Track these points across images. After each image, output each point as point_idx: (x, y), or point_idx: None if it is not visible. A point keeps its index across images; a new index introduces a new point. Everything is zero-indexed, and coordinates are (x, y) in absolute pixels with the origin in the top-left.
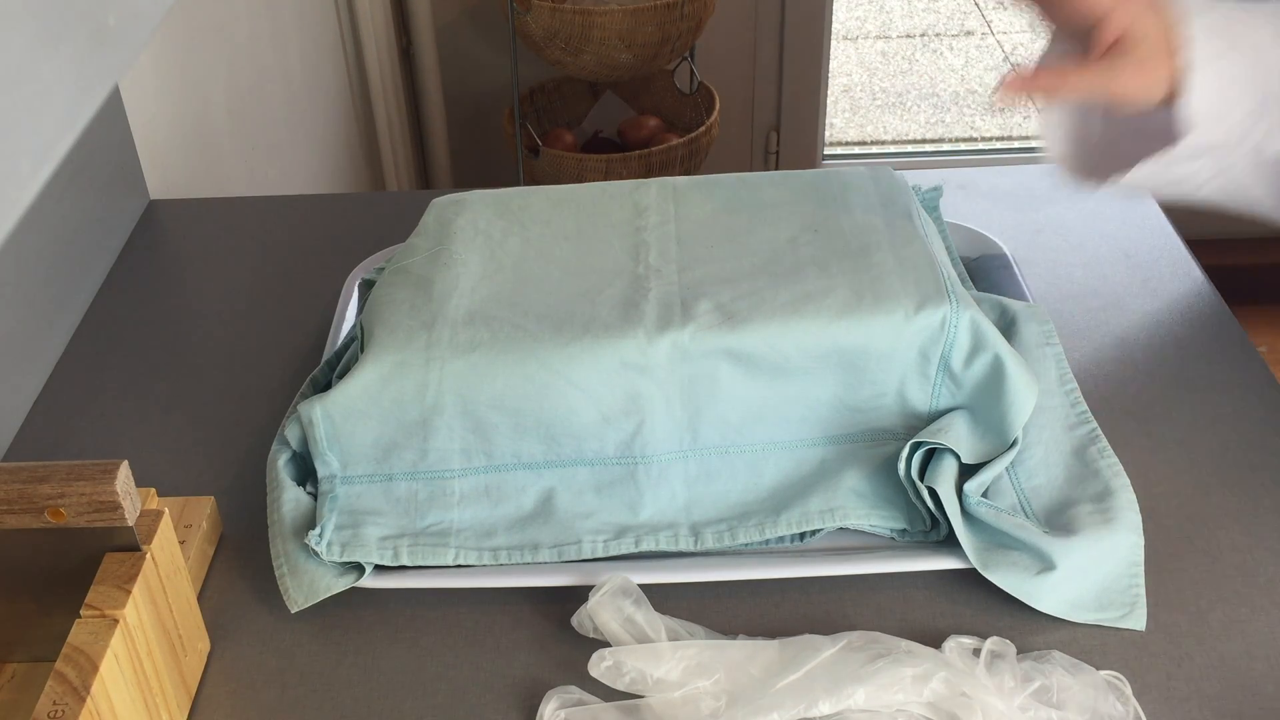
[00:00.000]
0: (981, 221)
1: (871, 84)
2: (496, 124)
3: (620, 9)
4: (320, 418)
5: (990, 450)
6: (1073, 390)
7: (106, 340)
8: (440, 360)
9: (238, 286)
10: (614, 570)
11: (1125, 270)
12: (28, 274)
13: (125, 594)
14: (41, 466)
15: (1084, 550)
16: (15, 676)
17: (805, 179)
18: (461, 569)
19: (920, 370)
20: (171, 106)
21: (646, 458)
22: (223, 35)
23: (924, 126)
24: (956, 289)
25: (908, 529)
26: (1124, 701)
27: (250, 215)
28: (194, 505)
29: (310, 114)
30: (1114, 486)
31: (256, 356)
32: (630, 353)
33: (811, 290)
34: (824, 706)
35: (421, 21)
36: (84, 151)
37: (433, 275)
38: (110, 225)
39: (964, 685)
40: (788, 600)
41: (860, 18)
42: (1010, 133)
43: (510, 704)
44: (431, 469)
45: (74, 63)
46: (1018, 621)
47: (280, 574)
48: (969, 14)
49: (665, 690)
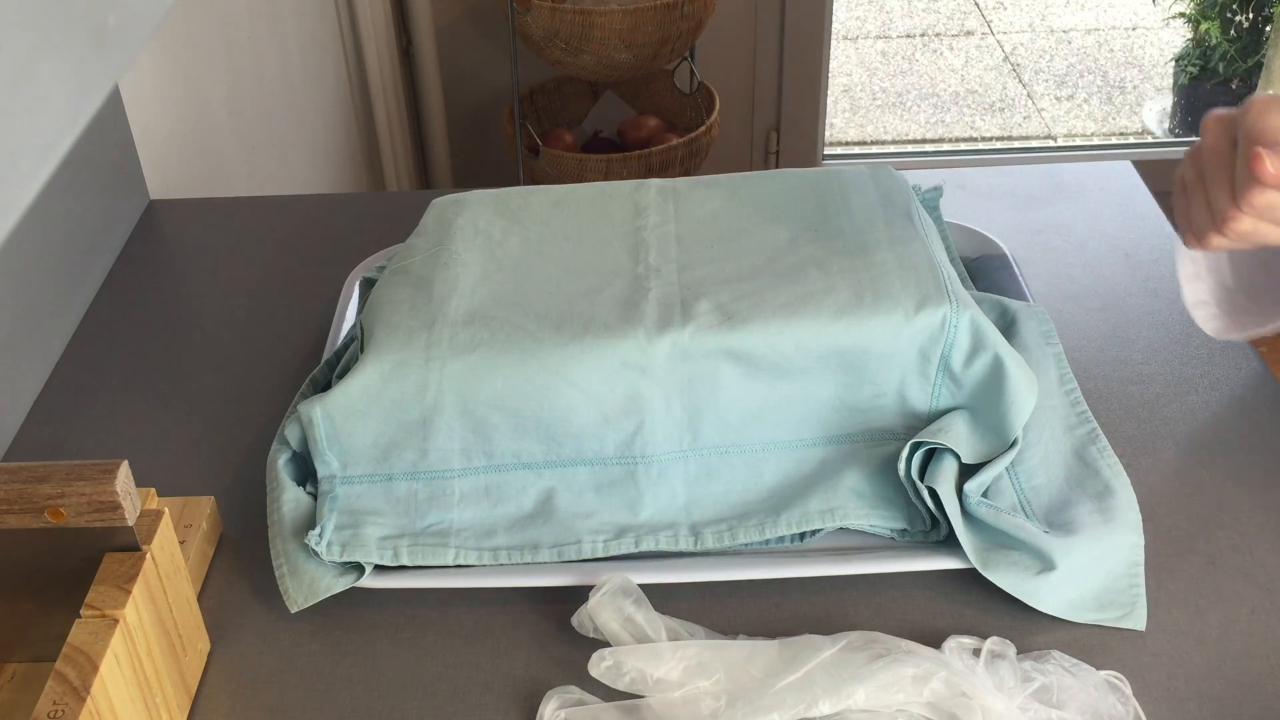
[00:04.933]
0: (981, 221)
1: (871, 84)
2: (496, 124)
3: (620, 9)
4: (320, 418)
5: (990, 450)
6: (1073, 390)
7: (106, 340)
8: (440, 360)
9: (238, 286)
10: (614, 570)
11: (1125, 270)
12: (28, 274)
13: (125, 594)
14: (41, 466)
15: (1084, 550)
16: (15, 676)
17: (805, 179)
18: (461, 569)
19: (920, 370)
20: (171, 106)
21: (646, 458)
22: (223, 35)
23: (924, 126)
24: (956, 289)
25: (908, 529)
26: (1124, 701)
27: (250, 215)
28: (194, 505)
29: (310, 114)
30: (1114, 486)
31: (256, 356)
32: (630, 353)
33: (811, 290)
34: (824, 706)
35: (421, 21)
36: (84, 151)
37: (433, 275)
38: (110, 225)
39: (964, 685)
40: (788, 600)
41: (860, 18)
42: (1010, 133)
43: (510, 704)
44: (431, 469)
45: (74, 63)
46: (1018, 621)
47: (280, 574)
48: (969, 14)
49: (665, 690)
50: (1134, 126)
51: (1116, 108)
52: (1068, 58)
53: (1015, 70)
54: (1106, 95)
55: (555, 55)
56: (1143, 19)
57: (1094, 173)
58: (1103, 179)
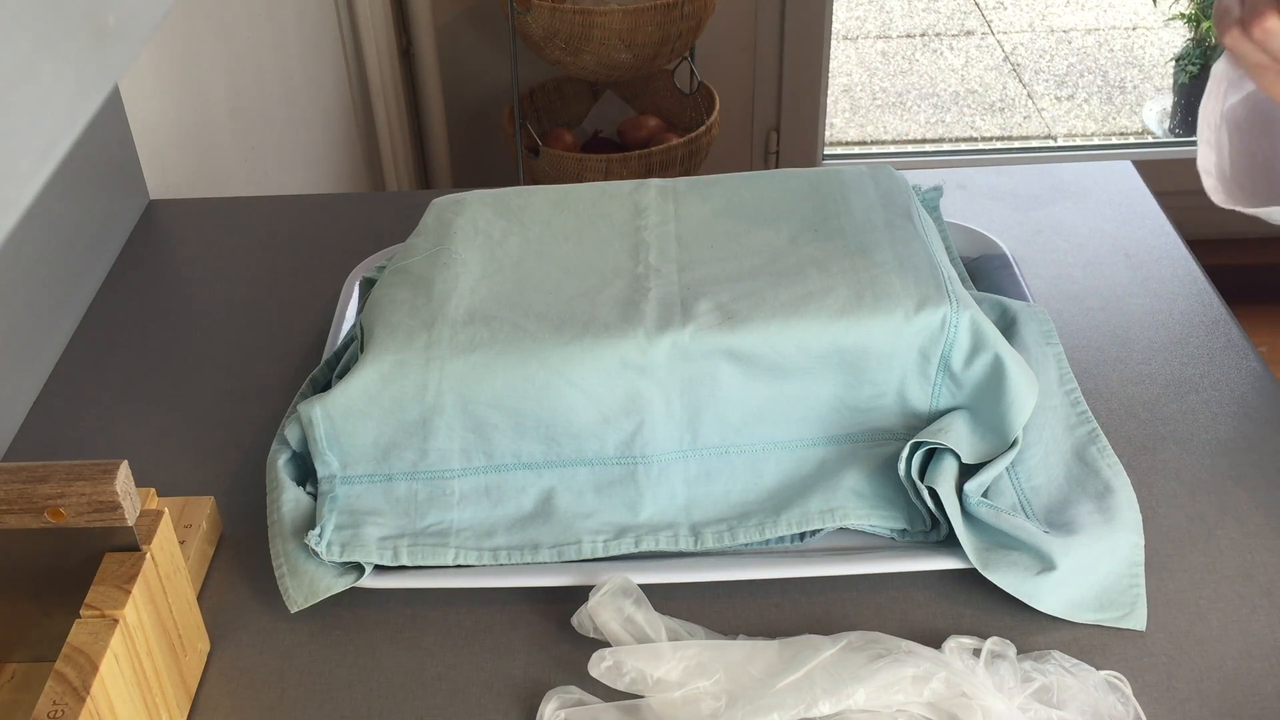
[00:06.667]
0: (981, 221)
1: (871, 84)
2: (496, 124)
3: (620, 9)
4: (320, 418)
5: (990, 450)
6: (1073, 390)
7: (106, 340)
8: (440, 360)
9: (238, 286)
10: (614, 570)
11: (1125, 270)
12: (28, 274)
13: (125, 594)
14: (41, 466)
15: (1084, 550)
16: (15, 676)
17: (805, 178)
18: (461, 569)
19: (920, 370)
20: (171, 106)
21: (646, 458)
22: (223, 35)
23: (924, 126)
24: (956, 289)
25: (908, 529)
26: (1124, 701)
27: (250, 215)
28: (194, 505)
29: (310, 114)
30: (1114, 486)
31: (256, 356)
32: (630, 353)
33: (811, 290)
34: (824, 706)
35: (421, 21)
36: (84, 151)
37: (433, 275)
38: (110, 225)
39: (964, 685)
40: (788, 600)
41: (860, 18)
42: (1010, 133)
43: (510, 704)
44: (431, 469)
45: (74, 63)
46: (1018, 621)
47: (280, 574)
48: (969, 14)
49: (665, 690)
50: (1134, 126)
51: (1116, 108)
52: (1068, 58)
53: (1015, 70)
54: (1106, 95)
55: (555, 55)
56: (1143, 19)
57: (1094, 173)
58: (1103, 179)
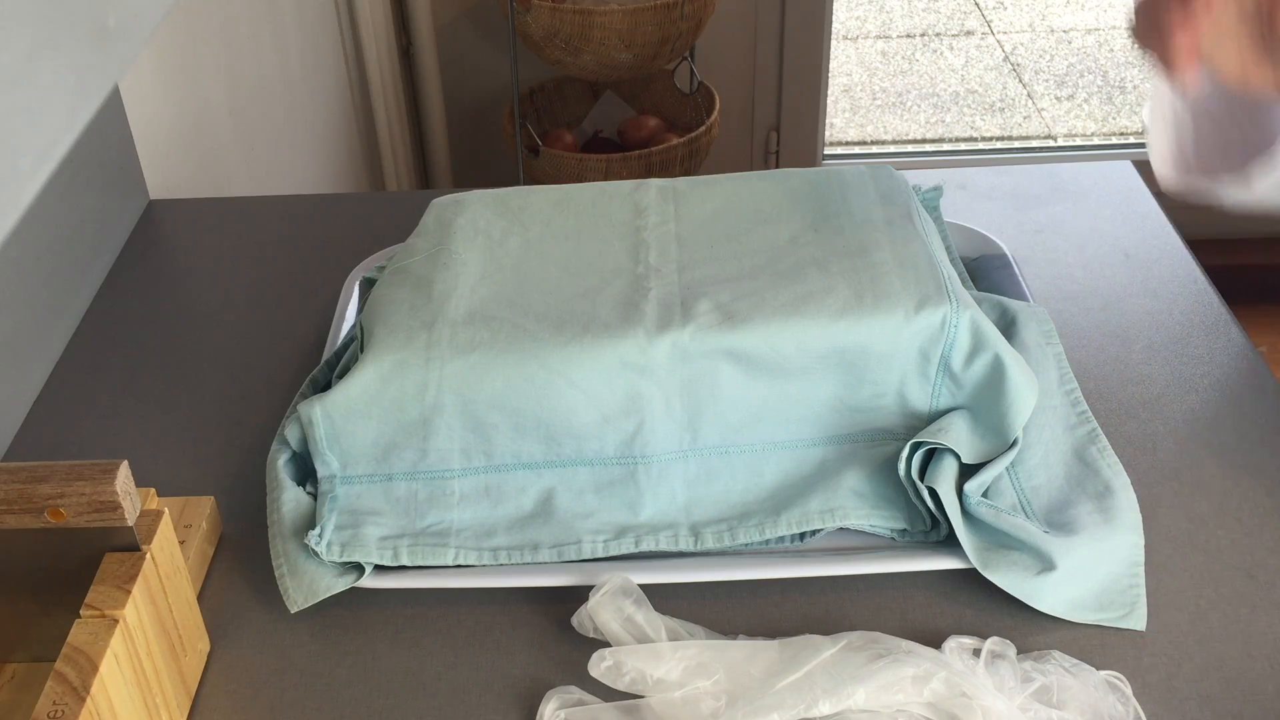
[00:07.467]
0: (981, 221)
1: (871, 84)
2: (496, 124)
3: (620, 9)
4: (320, 418)
5: (990, 450)
6: (1073, 390)
7: (106, 340)
8: (440, 360)
9: (238, 286)
10: (614, 570)
11: (1125, 270)
12: (28, 274)
13: (125, 594)
14: (41, 466)
15: (1084, 550)
16: (15, 676)
17: (805, 178)
18: (461, 569)
19: (920, 370)
20: (171, 106)
21: (646, 458)
22: (223, 35)
23: (924, 126)
24: (956, 289)
25: (908, 529)
26: (1124, 701)
27: (250, 215)
28: (194, 505)
29: (310, 114)
30: (1114, 486)
31: (256, 356)
32: (630, 353)
33: (811, 290)
34: (824, 706)
35: (421, 21)
36: (84, 151)
37: (433, 275)
38: (110, 225)
39: (964, 685)
40: (788, 600)
41: (860, 18)
42: (1010, 133)
43: (510, 704)
44: (431, 469)
45: (74, 63)
46: (1018, 621)
47: (280, 574)
48: (969, 14)
49: (665, 690)
50: (1134, 126)
51: (1116, 108)
52: (1068, 58)
53: (1015, 70)
54: (1106, 95)
55: (555, 55)
56: None
57: (1094, 173)
58: (1103, 179)
